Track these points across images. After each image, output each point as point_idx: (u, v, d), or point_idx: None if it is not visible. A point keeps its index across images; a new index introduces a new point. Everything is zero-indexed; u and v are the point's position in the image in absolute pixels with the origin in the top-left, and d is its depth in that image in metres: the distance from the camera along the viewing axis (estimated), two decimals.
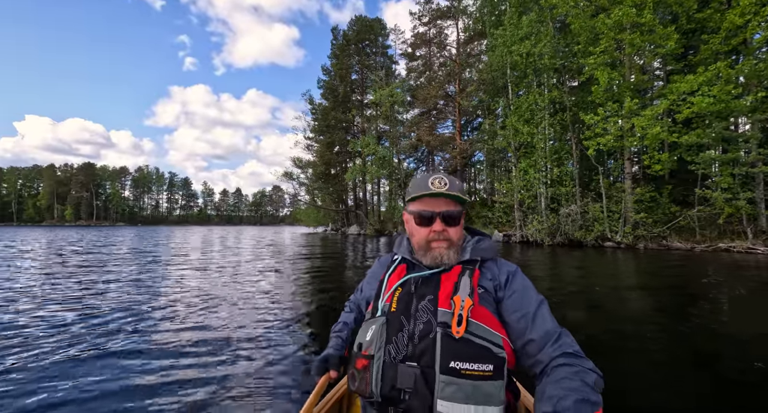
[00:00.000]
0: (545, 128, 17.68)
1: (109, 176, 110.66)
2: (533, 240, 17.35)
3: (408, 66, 34.93)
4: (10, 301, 5.26)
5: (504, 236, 19.47)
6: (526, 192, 18.35)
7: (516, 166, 19.15)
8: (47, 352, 3.27)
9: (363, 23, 36.87)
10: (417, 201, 1.09)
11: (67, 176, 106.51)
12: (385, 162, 29.23)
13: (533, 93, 17.80)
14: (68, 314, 4.54)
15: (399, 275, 1.09)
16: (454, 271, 1.03)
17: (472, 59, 27.66)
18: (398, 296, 1.03)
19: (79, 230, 47.33)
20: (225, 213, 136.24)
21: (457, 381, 0.86)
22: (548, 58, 17.17)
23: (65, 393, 2.50)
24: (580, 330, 3.96)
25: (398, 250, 1.20)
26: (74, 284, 6.65)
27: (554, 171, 17.31)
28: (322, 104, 36.95)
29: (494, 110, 24.36)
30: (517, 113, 18.45)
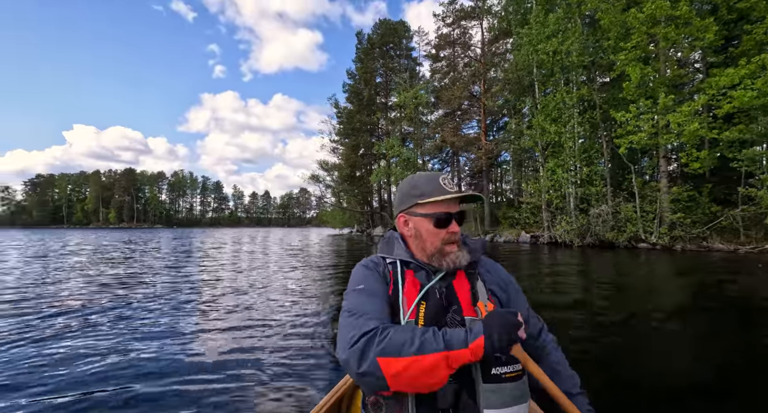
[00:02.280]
0: (574, 127, 17.27)
1: (147, 180, 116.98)
2: (562, 241, 16.96)
3: (432, 67, 34.94)
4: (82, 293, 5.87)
5: (531, 237, 19.14)
6: (554, 192, 17.97)
7: (543, 166, 18.80)
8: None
9: (387, 26, 37.25)
10: (432, 203, 1.03)
11: (110, 181, 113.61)
12: (410, 164, 29.35)
13: (561, 91, 17.45)
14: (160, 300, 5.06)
15: (414, 285, 1.02)
16: (460, 277, 1.04)
17: (497, 59, 27.34)
18: (425, 312, 0.97)
19: (126, 232, 50.43)
20: (254, 215, 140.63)
21: (501, 387, 0.85)
22: (576, 55, 16.79)
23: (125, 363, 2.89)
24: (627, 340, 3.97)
25: (391, 252, 1.10)
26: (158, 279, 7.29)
27: (584, 171, 16.87)
28: (347, 108, 37.60)
29: (520, 110, 23.97)
30: (543, 112, 18.12)
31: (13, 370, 2.89)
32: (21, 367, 2.95)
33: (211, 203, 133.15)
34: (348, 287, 1.05)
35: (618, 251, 13.68)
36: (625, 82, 14.70)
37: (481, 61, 28.04)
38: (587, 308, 4.96)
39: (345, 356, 0.86)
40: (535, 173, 22.50)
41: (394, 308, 0.99)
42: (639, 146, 14.53)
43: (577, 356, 3.07)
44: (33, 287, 6.53)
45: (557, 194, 17.89)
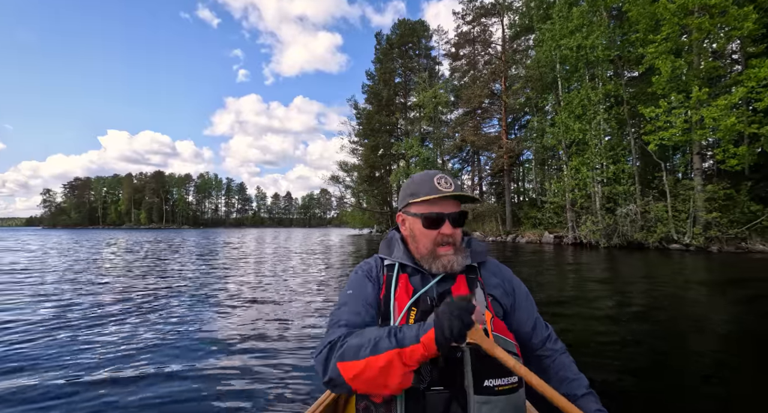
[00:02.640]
0: (599, 124, 16.68)
1: (175, 182, 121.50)
2: (587, 242, 16.42)
3: (452, 66, 34.62)
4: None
5: (555, 237, 18.63)
6: (578, 192, 17.42)
7: (567, 164, 18.26)
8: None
9: (406, 26, 37.19)
10: (424, 203, 1.00)
11: (141, 183, 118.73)
12: (429, 163, 29.18)
13: (585, 87, 16.90)
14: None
15: (407, 290, 0.98)
16: (460, 281, 0.99)
17: (519, 56, 26.78)
18: (415, 318, 0.93)
19: (157, 232, 52.58)
20: (276, 216, 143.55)
21: (493, 399, 0.83)
22: (602, 49, 16.23)
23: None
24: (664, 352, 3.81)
25: (390, 253, 1.06)
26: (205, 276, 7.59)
27: (610, 169, 16.26)
28: (367, 109, 37.79)
29: (543, 107, 23.39)
30: (567, 108, 17.61)
31: (59, 348, 3.08)
32: (73, 347, 3.15)
33: (235, 204, 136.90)
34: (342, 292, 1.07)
35: (648, 253, 13.10)
36: (655, 76, 14.08)
37: (502, 58, 27.53)
38: (619, 313, 4.78)
39: (314, 365, 0.90)
40: (559, 172, 21.89)
41: (385, 314, 0.96)
42: (670, 142, 13.89)
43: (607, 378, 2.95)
44: (90, 280, 6.93)
45: (582, 193, 17.34)
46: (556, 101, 20.23)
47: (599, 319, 4.37)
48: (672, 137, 13.54)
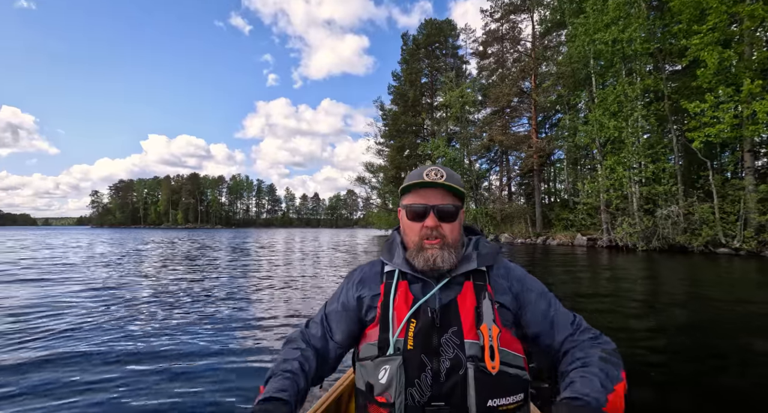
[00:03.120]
0: (637, 121, 15.83)
1: (209, 184, 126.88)
2: (623, 245, 15.61)
3: (479, 65, 34.04)
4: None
5: (588, 240, 17.85)
6: (614, 192, 16.61)
7: (601, 164, 17.45)
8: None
9: (432, 26, 36.96)
10: (410, 194, 0.97)
11: (178, 185, 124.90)
12: (456, 164, 28.80)
13: (621, 83, 16.09)
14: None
15: (406, 300, 0.92)
16: (466, 290, 0.91)
17: (550, 52, 25.92)
18: (414, 331, 0.87)
19: (193, 232, 55.17)
20: (304, 217, 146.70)
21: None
22: (640, 42, 15.40)
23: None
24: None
25: (391, 258, 1.00)
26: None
27: (649, 168, 15.38)
28: (393, 110, 37.86)
29: (575, 105, 22.49)
30: (602, 106, 16.84)
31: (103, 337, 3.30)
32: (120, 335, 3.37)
33: (265, 205, 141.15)
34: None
35: (691, 257, 12.28)
36: (700, 68, 13.20)
37: (532, 55, 26.76)
38: (664, 324, 4.52)
39: None
40: (593, 172, 20.98)
41: (383, 323, 0.91)
42: (717, 139, 12.96)
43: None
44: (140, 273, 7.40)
45: (618, 193, 16.51)
46: (589, 98, 19.41)
47: (639, 323, 4.14)
48: (719, 133, 12.63)
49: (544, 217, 24.95)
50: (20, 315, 4.52)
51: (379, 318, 0.93)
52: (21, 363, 2.96)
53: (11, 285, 6.69)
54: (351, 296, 1.00)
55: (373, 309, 0.96)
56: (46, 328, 3.93)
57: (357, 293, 1.00)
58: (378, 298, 0.96)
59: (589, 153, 22.80)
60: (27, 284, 6.78)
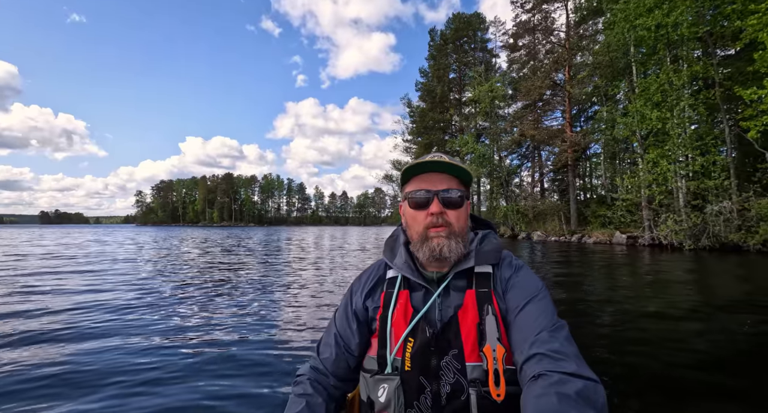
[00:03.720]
0: (683, 111, 14.79)
1: (242, 183, 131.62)
2: (667, 243, 14.68)
3: (510, 58, 33.06)
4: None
5: (628, 238, 16.93)
6: (657, 187, 15.62)
7: (643, 157, 16.47)
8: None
9: (460, 20, 36.30)
10: (412, 182, 0.90)
11: (213, 184, 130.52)
12: (485, 160, 28.17)
13: (666, 71, 15.07)
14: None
15: (405, 313, 0.86)
16: (469, 300, 0.84)
17: (585, 41, 24.73)
18: (411, 352, 0.82)
19: (229, 229, 57.53)
20: (333, 215, 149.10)
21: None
22: (687, 26, 14.35)
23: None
24: None
25: (393, 259, 0.95)
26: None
27: (697, 161, 14.34)
28: (420, 106, 37.60)
29: (613, 96, 21.34)
30: (643, 96, 15.86)
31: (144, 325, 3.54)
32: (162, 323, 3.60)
33: (295, 204, 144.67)
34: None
35: (747, 256, 11.34)
36: (758, 51, 12.12)
37: (566, 46, 25.65)
38: (718, 330, 4.22)
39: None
40: (633, 166, 19.87)
41: (381, 339, 0.86)
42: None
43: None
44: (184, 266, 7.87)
45: (661, 188, 15.52)
46: (629, 88, 18.35)
47: (690, 329, 3.89)
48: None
49: (580, 214, 23.91)
50: (78, 302, 4.91)
51: (378, 331, 0.88)
52: (76, 336, 3.30)
53: (76, 275, 7.28)
54: (360, 307, 0.95)
55: (374, 320, 0.92)
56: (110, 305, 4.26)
57: (365, 303, 0.95)
58: (378, 310, 0.91)
59: (629, 146, 21.58)
60: (94, 274, 7.35)
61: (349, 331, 0.94)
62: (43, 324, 3.91)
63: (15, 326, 3.84)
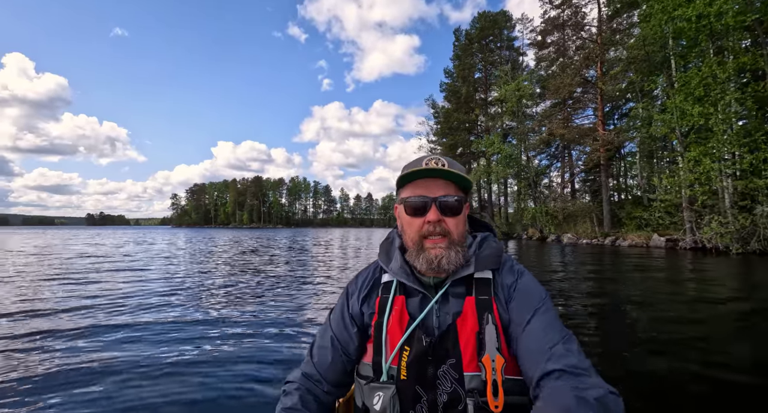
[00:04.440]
0: (729, 105, 13.83)
1: (270, 186, 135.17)
2: (711, 246, 13.75)
3: (537, 55, 32.19)
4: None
5: (667, 241, 16.00)
6: (699, 187, 14.68)
7: (683, 156, 15.54)
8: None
9: (486, 19, 35.74)
10: (408, 186, 0.87)
11: (243, 187, 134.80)
12: (512, 160, 27.52)
13: (709, 63, 14.17)
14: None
15: (400, 320, 0.83)
16: (468, 310, 0.80)
17: (619, 36, 23.66)
18: (407, 361, 0.80)
19: (261, 231, 59.28)
20: (358, 216, 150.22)
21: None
22: (732, 16, 13.45)
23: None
24: None
25: (387, 263, 0.91)
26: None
27: (745, 159, 13.36)
28: (445, 107, 37.29)
29: (650, 91, 20.28)
30: (684, 90, 14.97)
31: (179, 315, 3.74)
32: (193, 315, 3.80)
33: (321, 206, 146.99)
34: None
35: None
36: None
37: (598, 41, 24.65)
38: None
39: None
40: (672, 165, 18.80)
41: (376, 345, 0.84)
42: None
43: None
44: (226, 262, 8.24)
45: (704, 188, 14.56)
46: (668, 83, 17.38)
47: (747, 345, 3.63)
48: None
49: (613, 216, 22.85)
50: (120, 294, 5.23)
51: (374, 338, 0.85)
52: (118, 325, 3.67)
53: (120, 273, 7.76)
54: (357, 311, 0.92)
55: (370, 326, 0.88)
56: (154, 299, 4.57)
57: (361, 308, 0.92)
58: (373, 316, 0.88)
59: (668, 144, 20.44)
60: (136, 272, 7.82)
61: (347, 334, 0.90)
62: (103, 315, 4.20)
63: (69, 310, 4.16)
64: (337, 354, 0.89)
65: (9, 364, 2.85)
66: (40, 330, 3.74)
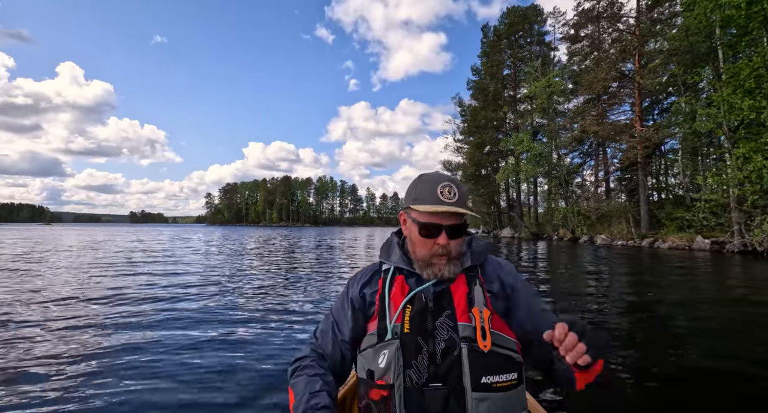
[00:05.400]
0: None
1: (299, 186, 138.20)
2: (763, 250, 12.80)
3: (570, 50, 30.96)
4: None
5: (712, 243, 15.03)
6: (750, 186, 13.69)
7: (731, 153, 14.53)
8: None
9: (516, 14, 34.84)
10: (423, 207, 0.97)
11: (273, 187, 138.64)
12: (542, 159, 26.71)
13: (762, 52, 13.17)
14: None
15: (402, 290, 0.98)
16: (460, 280, 0.97)
17: (660, 26, 22.38)
18: (410, 315, 0.94)
19: (290, 229, 60.99)
20: (384, 215, 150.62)
21: (490, 396, 0.85)
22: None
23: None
24: None
25: (388, 258, 1.06)
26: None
27: None
28: (472, 105, 36.71)
29: (693, 85, 19.07)
30: (732, 83, 13.99)
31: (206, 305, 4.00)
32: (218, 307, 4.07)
33: (348, 205, 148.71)
34: None
35: None
36: None
37: (636, 32, 23.43)
38: None
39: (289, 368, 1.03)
40: (718, 163, 17.61)
41: (381, 313, 0.97)
42: None
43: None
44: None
45: (755, 187, 13.56)
46: (714, 76, 16.31)
47: None
48: None
49: (652, 216, 21.68)
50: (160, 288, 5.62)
51: (378, 308, 0.99)
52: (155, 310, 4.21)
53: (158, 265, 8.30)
54: (356, 295, 1.05)
55: (373, 304, 1.02)
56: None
57: (361, 292, 1.05)
58: (377, 293, 1.02)
59: (714, 140, 19.17)
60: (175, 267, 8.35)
61: (343, 316, 1.04)
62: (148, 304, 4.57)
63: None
64: (335, 338, 1.04)
65: (76, 337, 3.56)
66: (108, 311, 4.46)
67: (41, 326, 3.87)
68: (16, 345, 3.27)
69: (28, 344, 3.30)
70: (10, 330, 3.74)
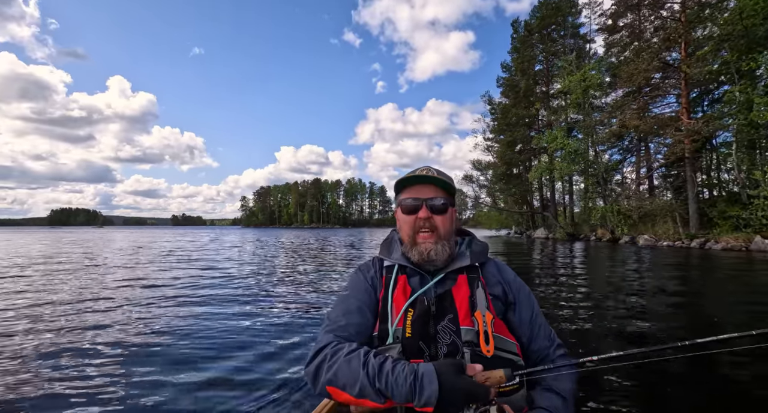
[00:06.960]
0: None
1: (329, 188, 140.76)
2: None
3: (607, 41, 29.43)
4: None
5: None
6: None
7: None
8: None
9: (547, 7, 33.61)
10: (404, 191, 1.04)
11: (304, 189, 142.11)
12: (578, 156, 25.55)
13: None
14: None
15: (404, 291, 0.97)
16: (461, 282, 0.97)
17: (709, 10, 20.77)
18: (412, 319, 0.92)
19: (320, 231, 62.38)
20: None
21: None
22: None
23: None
24: None
25: (389, 255, 1.07)
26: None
27: None
28: (502, 103, 35.82)
29: (749, 72, 17.54)
30: None
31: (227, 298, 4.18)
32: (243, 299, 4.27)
33: (377, 206, 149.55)
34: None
35: None
36: None
37: (682, 19, 21.92)
38: None
39: (304, 373, 0.87)
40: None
41: (383, 315, 0.96)
42: None
43: None
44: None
45: None
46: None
47: None
48: None
49: (702, 215, 20.12)
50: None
51: (380, 310, 0.98)
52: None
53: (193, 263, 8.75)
54: (366, 285, 1.04)
55: (378, 301, 1.01)
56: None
57: (361, 286, 1.04)
58: (379, 290, 1.02)
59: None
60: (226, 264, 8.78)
61: (363, 292, 1.02)
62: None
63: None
64: (363, 317, 0.97)
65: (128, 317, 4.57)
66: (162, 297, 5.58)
67: (151, 307, 5.07)
68: (130, 323, 4.28)
69: (143, 322, 4.31)
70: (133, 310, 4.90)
